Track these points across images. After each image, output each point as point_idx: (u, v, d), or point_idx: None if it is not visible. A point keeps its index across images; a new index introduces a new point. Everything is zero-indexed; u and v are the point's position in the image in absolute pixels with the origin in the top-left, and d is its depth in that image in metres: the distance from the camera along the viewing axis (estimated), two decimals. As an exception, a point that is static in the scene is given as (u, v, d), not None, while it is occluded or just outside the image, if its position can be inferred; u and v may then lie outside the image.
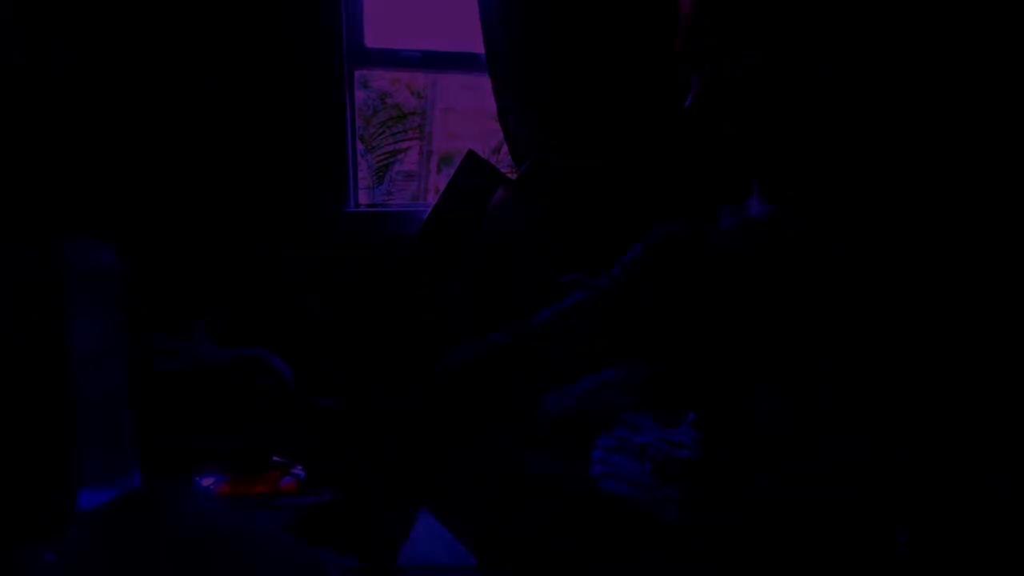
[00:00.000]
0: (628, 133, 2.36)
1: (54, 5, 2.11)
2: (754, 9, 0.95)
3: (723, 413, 0.91)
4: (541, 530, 0.90)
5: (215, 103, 2.28)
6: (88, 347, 1.14)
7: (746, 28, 0.96)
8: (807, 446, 0.79)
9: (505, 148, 2.57)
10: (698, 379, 0.96)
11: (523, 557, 0.85)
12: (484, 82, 2.45)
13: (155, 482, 1.26)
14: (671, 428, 1.24)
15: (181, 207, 2.26)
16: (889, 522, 0.69)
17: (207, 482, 1.23)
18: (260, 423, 1.80)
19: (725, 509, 0.81)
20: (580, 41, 2.37)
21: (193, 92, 2.26)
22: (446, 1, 2.96)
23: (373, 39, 2.52)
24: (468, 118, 5.20)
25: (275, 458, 1.31)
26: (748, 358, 0.91)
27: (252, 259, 2.31)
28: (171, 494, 1.23)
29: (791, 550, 0.72)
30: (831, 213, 0.96)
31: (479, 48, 2.42)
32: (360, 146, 3.72)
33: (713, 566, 0.79)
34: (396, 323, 2.30)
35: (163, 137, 2.25)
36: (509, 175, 2.48)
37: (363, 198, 2.71)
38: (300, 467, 1.30)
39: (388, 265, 2.39)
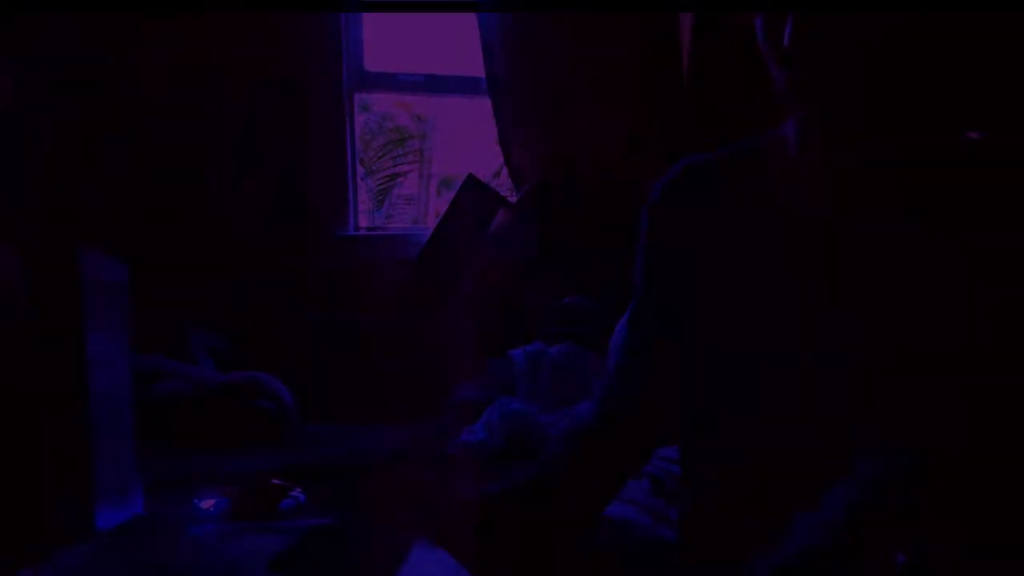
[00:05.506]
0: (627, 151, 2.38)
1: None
2: None
3: None
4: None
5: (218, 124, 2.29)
6: (99, 358, 1.14)
7: None
8: None
9: (505, 172, 2.58)
10: None
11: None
12: (484, 106, 2.47)
13: (156, 505, 1.25)
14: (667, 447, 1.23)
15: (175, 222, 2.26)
16: (887, 545, 0.68)
17: (207, 504, 1.22)
18: (259, 445, 1.79)
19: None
20: (581, 64, 2.39)
21: (197, 114, 2.27)
22: (447, 25, 2.99)
23: (373, 63, 2.54)
24: (468, 142, 5.22)
25: (275, 480, 1.30)
26: None
27: (251, 282, 2.31)
28: (171, 521, 1.22)
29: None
30: None
31: (479, 72, 2.44)
32: (360, 170, 3.73)
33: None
34: (392, 350, 2.29)
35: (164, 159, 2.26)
36: (509, 198, 2.50)
37: (363, 221, 2.72)
38: (299, 489, 1.29)
39: (388, 289, 2.38)
